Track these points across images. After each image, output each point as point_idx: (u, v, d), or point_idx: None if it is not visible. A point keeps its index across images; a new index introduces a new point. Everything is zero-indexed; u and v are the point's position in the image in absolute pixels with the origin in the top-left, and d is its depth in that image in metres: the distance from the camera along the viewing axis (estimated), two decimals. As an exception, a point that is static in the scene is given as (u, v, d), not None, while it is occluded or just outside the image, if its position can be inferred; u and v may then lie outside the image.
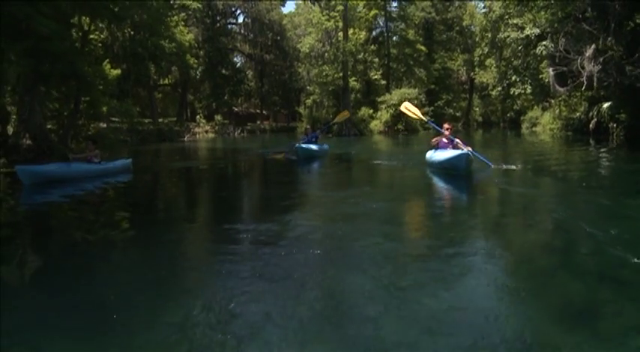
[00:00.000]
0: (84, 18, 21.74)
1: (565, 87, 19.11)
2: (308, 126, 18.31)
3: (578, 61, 17.22)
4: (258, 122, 56.91)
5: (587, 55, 16.81)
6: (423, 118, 14.54)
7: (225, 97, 53.40)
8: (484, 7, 37.19)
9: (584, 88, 18.28)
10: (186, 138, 42.09)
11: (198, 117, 51.13)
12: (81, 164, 12.15)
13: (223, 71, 52.49)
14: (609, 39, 16.80)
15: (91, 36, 26.37)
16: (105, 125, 33.56)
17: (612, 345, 3.05)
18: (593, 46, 16.86)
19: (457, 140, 11.88)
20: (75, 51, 14.69)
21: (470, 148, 11.52)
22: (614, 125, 23.88)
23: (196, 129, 47.63)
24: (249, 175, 15.47)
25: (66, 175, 11.61)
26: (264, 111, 59.98)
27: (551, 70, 19.15)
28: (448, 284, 4.14)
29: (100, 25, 28.08)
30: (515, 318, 3.46)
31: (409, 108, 14.19)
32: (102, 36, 29.99)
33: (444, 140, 11.94)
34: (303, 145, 16.15)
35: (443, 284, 4.11)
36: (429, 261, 4.84)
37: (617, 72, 16.84)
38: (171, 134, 40.97)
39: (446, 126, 12.25)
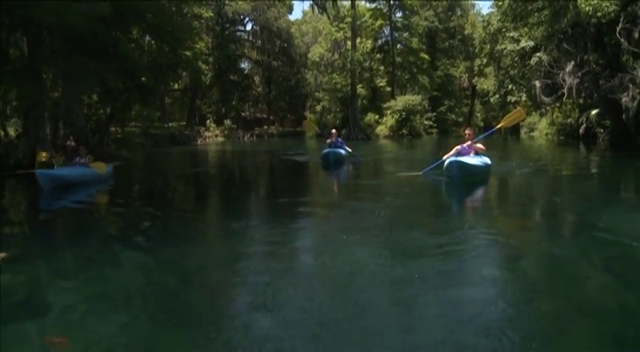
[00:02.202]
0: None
1: (550, 97, 22.59)
2: (334, 130, 18.81)
3: (560, 75, 20.73)
4: (265, 127, 60.14)
5: (567, 70, 20.35)
6: (421, 173, 12.68)
7: (233, 102, 56.85)
8: (483, 21, 40.54)
9: (564, 98, 21.83)
10: (199, 142, 45.47)
11: (208, 121, 54.28)
12: (85, 169, 12.75)
13: (232, 77, 55.78)
14: (586, 57, 20.35)
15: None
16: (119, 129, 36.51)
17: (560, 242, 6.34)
18: (573, 62, 20.41)
19: (478, 145, 11.80)
20: (145, 67, 18.08)
21: (479, 146, 11.72)
22: (601, 130, 27.39)
23: (206, 134, 50.83)
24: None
25: (78, 180, 12.30)
26: (270, 116, 63.17)
27: (537, 82, 22.65)
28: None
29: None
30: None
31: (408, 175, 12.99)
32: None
33: (465, 146, 11.79)
34: (338, 150, 16.99)
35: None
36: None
37: (593, 85, 20.43)
38: (183, 138, 44.05)
39: (467, 131, 12.34)
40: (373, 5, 51.03)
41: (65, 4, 12.08)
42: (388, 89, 50.27)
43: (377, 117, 46.79)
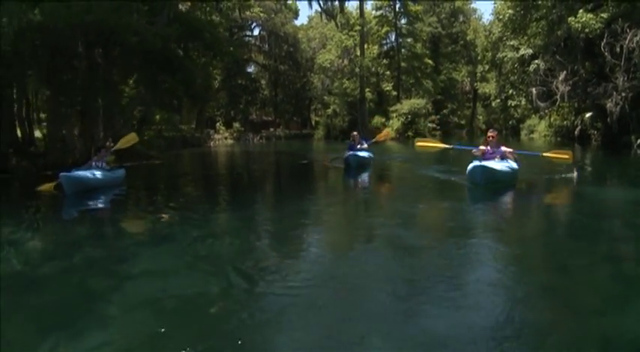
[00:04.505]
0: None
1: (545, 102, 26.34)
2: (355, 133, 19.74)
3: (554, 82, 24.46)
4: (272, 129, 63.49)
5: (560, 78, 24.09)
6: (446, 146, 13.42)
7: (241, 106, 60.31)
8: (485, 31, 44.10)
9: (557, 103, 25.58)
10: (212, 144, 48.84)
11: (218, 124, 57.62)
12: (106, 172, 12.53)
13: (240, 81, 59.16)
14: (576, 67, 24.11)
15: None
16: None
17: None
18: (565, 71, 24.14)
19: (503, 148, 11.51)
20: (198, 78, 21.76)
21: (510, 150, 11.53)
22: (594, 132, 31.04)
23: (216, 136, 54.08)
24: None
25: (100, 183, 12.08)
26: (276, 119, 66.46)
27: (534, 89, 26.38)
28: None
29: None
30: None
31: (425, 143, 13.47)
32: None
33: (489, 149, 11.46)
34: (358, 153, 17.24)
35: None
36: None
37: (583, 92, 24.20)
38: (194, 140, 47.14)
39: (489, 133, 11.89)
40: (379, 12, 54.78)
41: (146, 28, 15.62)
42: (394, 93, 53.99)
43: (383, 120, 50.36)
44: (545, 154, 12.61)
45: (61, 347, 3.57)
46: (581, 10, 23.49)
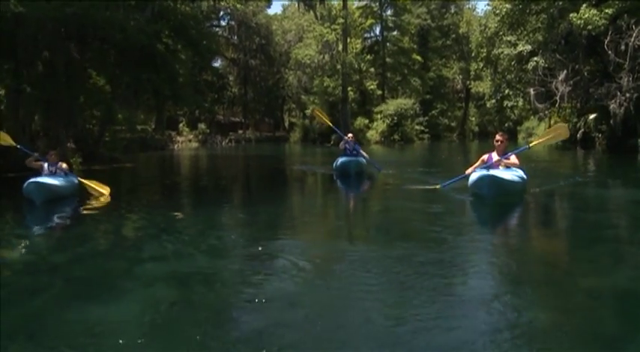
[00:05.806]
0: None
1: (544, 103, 28.07)
2: (350, 135, 18.53)
3: (554, 83, 26.17)
4: (241, 131, 64.17)
5: (559, 78, 25.79)
6: (439, 186, 12.06)
7: (207, 105, 60.86)
8: (480, 26, 45.55)
9: (557, 105, 27.31)
10: (175, 148, 49.59)
11: (181, 125, 58.08)
12: (66, 178, 12.01)
13: (205, 76, 59.69)
14: (577, 66, 25.87)
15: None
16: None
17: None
18: (565, 71, 25.85)
19: (512, 156, 10.72)
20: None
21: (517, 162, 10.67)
22: (599, 135, 32.80)
23: (179, 139, 54.46)
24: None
25: (63, 191, 11.63)
26: (246, 120, 67.43)
27: (532, 90, 28.07)
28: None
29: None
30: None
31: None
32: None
33: (494, 157, 10.87)
34: (359, 159, 17.08)
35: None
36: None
37: (584, 92, 25.96)
38: (154, 143, 47.53)
39: (498, 137, 11.12)
40: (363, 3, 56.07)
41: (131, 24, 16.72)
42: (378, 92, 55.41)
43: (367, 121, 51.70)
44: (533, 143, 12.33)
45: (89, 313, 4.42)
46: (584, 5, 24.92)
